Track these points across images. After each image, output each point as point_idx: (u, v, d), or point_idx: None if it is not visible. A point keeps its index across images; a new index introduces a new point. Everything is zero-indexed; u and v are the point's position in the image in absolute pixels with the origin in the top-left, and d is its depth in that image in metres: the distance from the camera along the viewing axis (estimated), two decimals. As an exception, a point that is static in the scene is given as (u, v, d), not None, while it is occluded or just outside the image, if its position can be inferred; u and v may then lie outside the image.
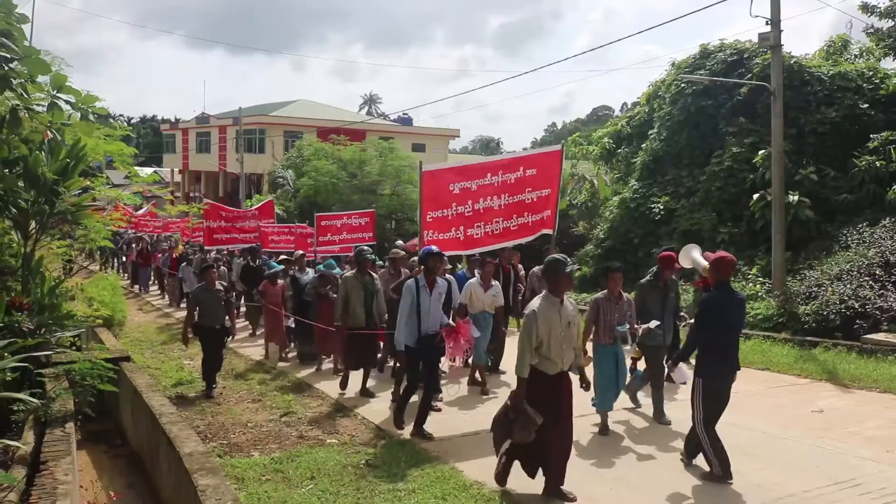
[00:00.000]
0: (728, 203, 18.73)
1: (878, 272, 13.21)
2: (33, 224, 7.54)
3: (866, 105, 18.10)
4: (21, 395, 5.32)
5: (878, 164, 16.33)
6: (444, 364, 9.01)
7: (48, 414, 6.21)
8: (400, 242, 14.61)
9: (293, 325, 12.57)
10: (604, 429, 7.86)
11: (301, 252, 13.89)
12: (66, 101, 6.16)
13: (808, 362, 11.27)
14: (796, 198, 16.38)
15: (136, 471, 7.47)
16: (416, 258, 10.11)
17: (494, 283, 10.28)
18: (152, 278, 25.50)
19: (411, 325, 7.80)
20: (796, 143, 17.96)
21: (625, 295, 8.02)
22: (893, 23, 19.13)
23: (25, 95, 5.80)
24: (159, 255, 23.73)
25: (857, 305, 12.50)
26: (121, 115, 74.99)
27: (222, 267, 16.80)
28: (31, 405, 5.72)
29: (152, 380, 8.96)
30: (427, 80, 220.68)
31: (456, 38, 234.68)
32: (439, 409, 8.74)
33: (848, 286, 13.02)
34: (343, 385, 9.97)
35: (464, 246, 9.46)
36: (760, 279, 15.77)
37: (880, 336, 11.63)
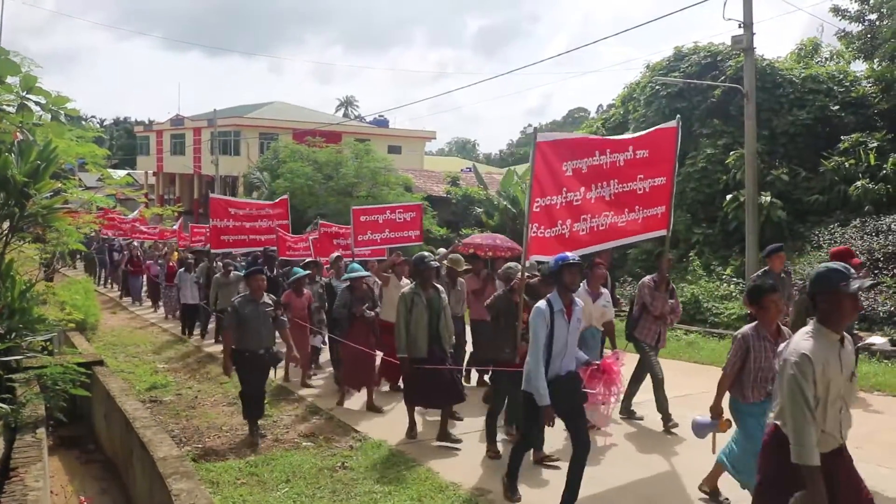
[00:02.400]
0: (702, 204, 18.94)
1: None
2: (3, 227, 7.42)
3: (837, 107, 18.39)
4: (-9, 401, 5.25)
5: (847, 164, 16.57)
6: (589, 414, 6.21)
7: (18, 419, 6.13)
8: (443, 250, 11.57)
9: (320, 345, 11.27)
10: None
11: (336, 254, 11.88)
12: (37, 103, 6.09)
13: (782, 361, 11.39)
14: (769, 198, 16.59)
15: (110, 476, 7.38)
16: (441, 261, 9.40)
17: (604, 290, 8.30)
18: (144, 287, 22.25)
19: (550, 366, 5.65)
20: (769, 145, 18.21)
21: (784, 329, 5.49)
22: (863, 26, 19.42)
23: (-6, 96, 5.73)
24: (151, 264, 20.84)
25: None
26: (93, 117, 74.52)
27: (234, 273, 13.81)
28: (1, 411, 5.65)
29: (126, 384, 8.87)
30: (405, 83, 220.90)
31: (435, 41, 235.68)
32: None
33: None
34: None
35: (567, 246, 7.00)
36: (734, 279, 15.94)
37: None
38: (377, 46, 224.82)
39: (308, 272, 11.30)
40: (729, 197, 17.45)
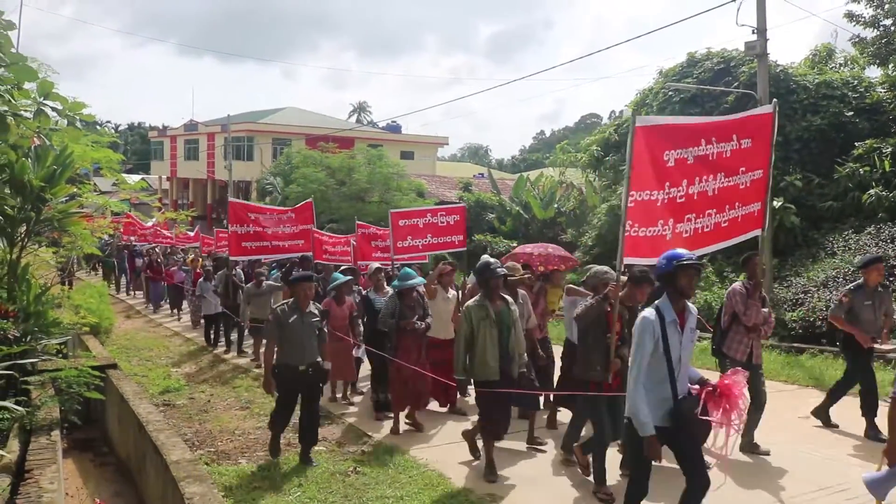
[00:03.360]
0: (715, 210, 18.85)
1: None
2: (20, 231, 7.50)
3: (851, 113, 18.27)
4: (6, 403, 5.29)
5: (862, 171, 16.47)
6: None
7: (33, 422, 6.18)
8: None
9: (362, 357, 10.10)
10: None
11: (377, 265, 10.32)
12: (53, 108, 6.15)
13: (795, 368, 11.34)
14: (781, 204, 16.51)
15: (123, 479, 7.43)
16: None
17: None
18: (165, 296, 21.09)
19: (660, 387, 4.69)
20: (782, 151, 18.10)
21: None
22: (877, 32, 19.32)
23: (13, 101, 5.79)
24: (175, 270, 19.78)
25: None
26: (108, 122, 75.12)
27: (265, 283, 12.93)
28: (17, 413, 5.69)
29: (139, 387, 8.92)
30: (417, 88, 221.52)
31: (448, 47, 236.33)
32: None
33: (834, 293, 13.09)
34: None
35: (668, 249, 5.64)
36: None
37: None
38: (390, 52, 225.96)
39: (349, 279, 10.14)
40: (742, 203, 17.38)
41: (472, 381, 6.75)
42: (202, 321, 15.82)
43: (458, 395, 8.95)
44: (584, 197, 26.09)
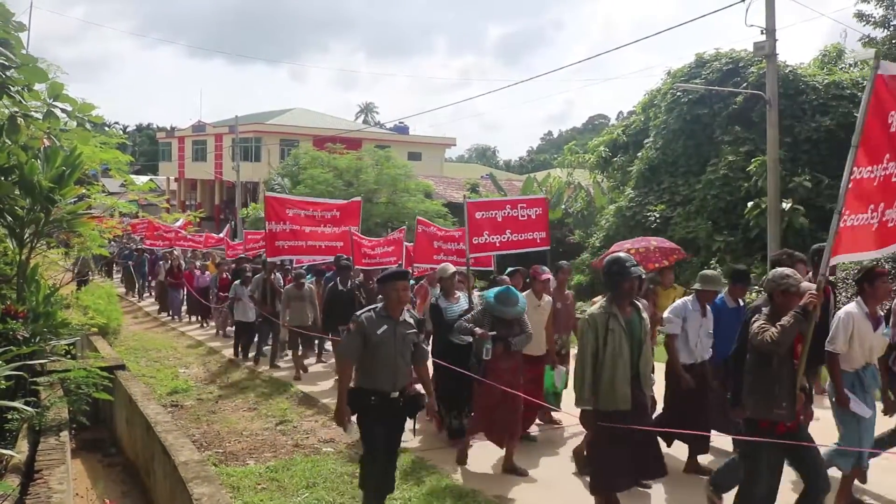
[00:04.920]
0: (724, 211, 18.82)
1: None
2: (29, 232, 7.52)
3: (861, 114, 18.20)
4: (15, 404, 5.29)
5: (872, 172, 16.40)
6: None
7: (42, 422, 6.18)
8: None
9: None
10: None
11: (454, 269, 8.52)
12: (62, 110, 6.16)
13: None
14: (790, 205, 16.46)
15: (131, 479, 7.43)
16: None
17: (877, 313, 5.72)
18: (184, 303, 19.44)
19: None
20: (791, 151, 18.06)
21: None
22: (888, 32, 19.24)
23: (23, 102, 5.81)
24: (199, 275, 18.41)
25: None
26: (116, 123, 75.29)
27: (307, 286, 11.85)
28: (26, 414, 5.70)
29: (147, 388, 8.93)
30: (426, 90, 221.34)
31: (457, 49, 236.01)
32: None
33: (844, 294, 13.04)
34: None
35: (875, 242, 4.78)
36: (757, 287, 15.79)
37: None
38: (399, 54, 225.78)
39: (421, 282, 8.78)
40: (751, 204, 17.32)
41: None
42: (227, 330, 15.22)
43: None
44: (591, 198, 26.07)
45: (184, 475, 5.06)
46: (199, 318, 18.30)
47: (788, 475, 4.99)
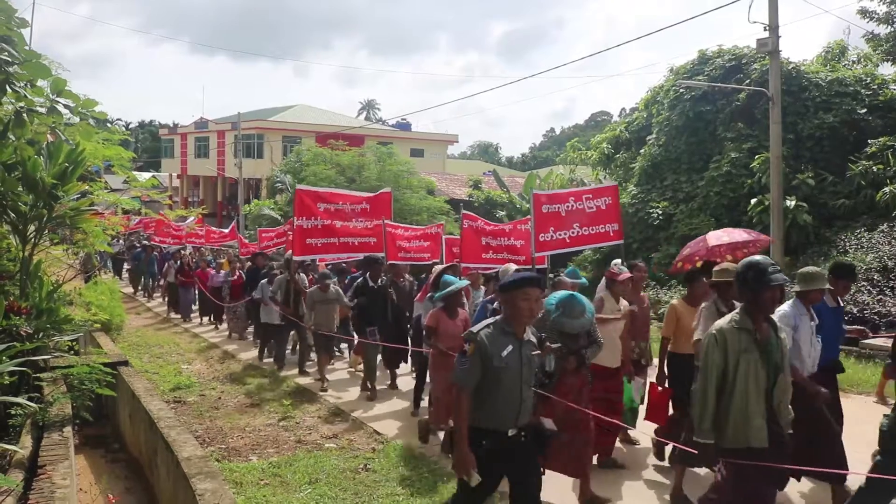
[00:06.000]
0: (726, 208, 18.79)
1: (876, 277, 13.25)
2: (32, 228, 7.53)
3: (864, 110, 18.17)
4: (19, 400, 5.31)
5: (875, 168, 16.37)
6: None
7: (46, 418, 6.19)
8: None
9: None
10: None
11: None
12: (65, 106, 6.17)
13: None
14: (794, 202, 16.43)
15: (134, 475, 7.44)
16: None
17: None
18: (196, 303, 18.60)
19: None
20: (794, 149, 18.04)
21: None
22: (891, 28, 19.19)
23: (28, 98, 5.82)
24: (213, 274, 17.31)
25: (855, 311, 12.51)
26: (118, 120, 75.28)
27: (333, 287, 10.81)
28: (29, 409, 5.71)
29: (150, 384, 8.94)
30: (429, 86, 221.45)
31: (460, 46, 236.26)
32: None
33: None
34: None
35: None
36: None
37: (879, 341, 11.63)
38: (402, 50, 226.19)
39: (466, 283, 8.05)
40: (754, 201, 17.29)
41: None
42: (244, 332, 14.89)
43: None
44: (594, 195, 26.04)
45: (187, 471, 5.07)
46: (212, 318, 17.62)
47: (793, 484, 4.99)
